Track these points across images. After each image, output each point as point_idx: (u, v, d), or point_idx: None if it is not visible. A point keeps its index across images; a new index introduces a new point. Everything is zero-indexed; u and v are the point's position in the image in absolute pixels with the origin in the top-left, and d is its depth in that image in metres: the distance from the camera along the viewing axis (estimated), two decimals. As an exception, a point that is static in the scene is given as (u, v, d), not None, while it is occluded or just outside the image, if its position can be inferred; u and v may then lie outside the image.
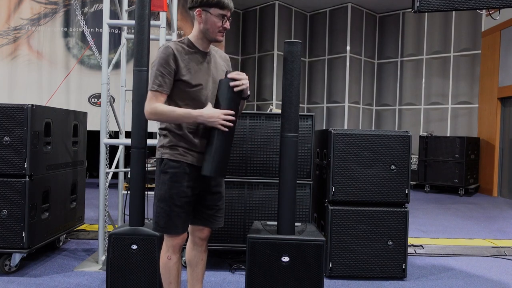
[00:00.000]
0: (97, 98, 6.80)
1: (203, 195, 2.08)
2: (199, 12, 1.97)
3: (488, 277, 3.22)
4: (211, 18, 1.97)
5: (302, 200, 3.14)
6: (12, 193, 2.89)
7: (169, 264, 2.06)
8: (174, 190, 1.98)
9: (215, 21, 1.97)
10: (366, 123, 9.59)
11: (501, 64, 7.57)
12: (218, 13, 1.96)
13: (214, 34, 2.00)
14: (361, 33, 9.38)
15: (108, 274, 2.35)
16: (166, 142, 2.01)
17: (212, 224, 2.15)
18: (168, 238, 2.04)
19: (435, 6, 2.68)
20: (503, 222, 5.36)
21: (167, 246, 2.05)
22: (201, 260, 2.22)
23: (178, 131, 1.99)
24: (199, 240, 2.19)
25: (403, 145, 3.08)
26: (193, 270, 2.22)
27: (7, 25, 6.71)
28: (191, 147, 2.00)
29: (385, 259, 3.07)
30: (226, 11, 1.98)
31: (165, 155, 2.00)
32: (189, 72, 1.96)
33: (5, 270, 2.96)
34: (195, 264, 2.22)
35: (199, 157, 2.01)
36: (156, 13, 3.27)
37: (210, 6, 1.95)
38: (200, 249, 2.21)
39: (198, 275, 2.23)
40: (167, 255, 2.06)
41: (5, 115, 2.89)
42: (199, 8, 1.97)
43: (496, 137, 7.70)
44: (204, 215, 2.12)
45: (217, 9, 1.96)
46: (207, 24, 1.98)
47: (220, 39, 2.04)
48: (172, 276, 2.08)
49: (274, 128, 3.13)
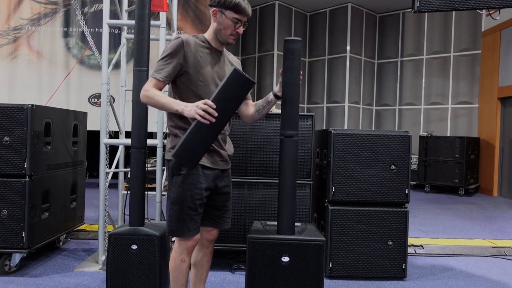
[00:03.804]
0: (97, 98, 6.80)
1: (212, 196, 2.07)
2: (214, 12, 1.98)
3: (488, 277, 3.21)
4: (225, 20, 1.96)
5: (302, 200, 3.14)
6: (12, 193, 2.89)
7: (183, 267, 2.04)
8: (188, 192, 1.95)
9: (229, 24, 1.97)
10: (366, 123, 9.59)
11: (501, 64, 7.57)
12: (233, 17, 1.96)
13: (226, 37, 2.00)
14: (361, 33, 9.38)
15: (108, 274, 2.35)
16: (177, 143, 1.97)
17: (220, 225, 2.15)
18: (182, 241, 2.01)
19: (435, 6, 2.68)
20: (503, 222, 5.36)
21: (181, 248, 2.02)
22: (207, 262, 2.23)
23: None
24: (207, 242, 2.18)
25: (403, 145, 3.08)
26: (198, 271, 2.23)
27: (7, 25, 6.71)
28: None
29: (385, 259, 3.07)
30: (242, 16, 1.97)
31: None
32: (194, 66, 1.95)
33: (5, 270, 2.96)
34: (201, 265, 2.22)
35: (210, 156, 2.00)
36: (156, 13, 3.27)
37: (227, 8, 1.95)
38: (207, 251, 2.21)
39: (202, 276, 2.24)
40: (181, 258, 2.03)
41: (5, 115, 2.89)
42: (216, 7, 1.97)
43: (496, 137, 7.70)
44: (212, 216, 2.12)
45: (233, 12, 1.95)
46: (220, 25, 1.98)
47: (230, 42, 2.03)
48: (185, 278, 2.07)
49: (274, 128, 3.13)
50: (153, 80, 1.93)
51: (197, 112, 1.74)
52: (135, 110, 2.42)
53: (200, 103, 1.76)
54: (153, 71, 1.94)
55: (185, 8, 7.11)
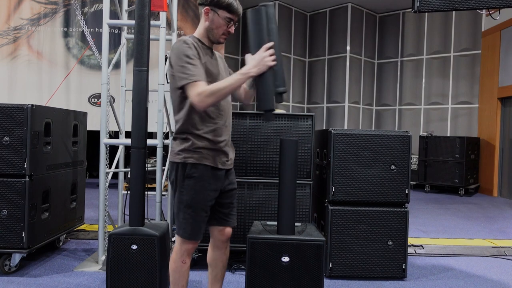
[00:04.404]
0: (97, 98, 6.80)
1: (219, 194, 2.08)
2: (207, 10, 1.97)
3: (488, 277, 3.21)
4: (217, 19, 1.97)
5: (302, 200, 3.14)
6: (12, 193, 2.89)
7: (183, 268, 2.04)
8: (201, 195, 1.96)
9: (221, 23, 1.97)
10: (366, 123, 9.59)
11: (501, 64, 7.57)
12: (226, 16, 1.97)
13: (218, 36, 2.01)
14: (361, 33, 9.38)
15: (108, 274, 2.35)
16: (188, 145, 1.95)
17: (227, 223, 2.15)
18: (185, 243, 2.01)
19: (435, 6, 2.68)
20: (503, 222, 5.36)
21: (182, 250, 2.02)
22: (221, 261, 2.22)
23: (198, 132, 1.95)
24: (220, 242, 2.18)
25: (403, 145, 3.08)
26: (213, 270, 2.23)
27: (7, 25, 6.71)
28: (212, 145, 1.98)
29: (385, 259, 3.07)
30: (234, 16, 1.99)
31: (189, 159, 1.95)
32: (205, 64, 1.96)
33: (5, 270, 2.96)
34: (215, 265, 2.22)
35: (219, 157, 2.01)
36: (156, 13, 3.27)
37: (219, 8, 1.95)
38: (221, 252, 2.20)
39: (217, 275, 2.24)
40: (182, 259, 2.03)
41: (5, 115, 2.89)
42: (208, 6, 1.96)
43: (496, 137, 7.70)
44: (220, 214, 2.12)
45: (226, 12, 1.96)
46: (213, 23, 1.98)
47: (222, 41, 2.04)
48: (185, 280, 2.07)
49: (274, 128, 3.13)
50: (197, 83, 1.84)
51: (270, 60, 1.81)
52: (135, 110, 2.41)
53: (262, 54, 1.82)
54: (188, 77, 1.84)
55: (185, 8, 7.11)
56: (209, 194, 1.98)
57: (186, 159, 1.95)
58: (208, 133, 1.96)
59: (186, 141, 1.97)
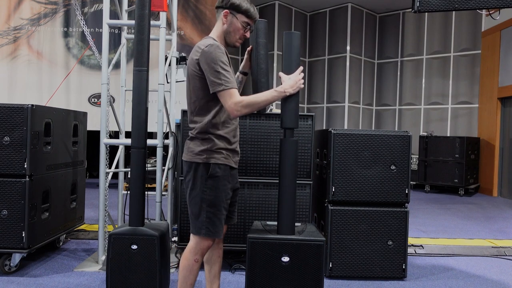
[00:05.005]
0: (97, 98, 6.80)
1: None
2: (226, 13, 2.02)
3: (488, 277, 3.21)
4: (236, 23, 2.02)
5: (302, 200, 3.14)
6: (12, 193, 2.89)
7: (195, 267, 2.07)
8: (223, 193, 2.03)
9: (239, 27, 2.03)
10: (366, 123, 9.59)
11: (501, 64, 7.57)
12: (243, 21, 2.03)
13: (234, 40, 2.07)
14: (361, 33, 9.38)
15: (108, 274, 2.35)
16: (210, 146, 2.00)
17: (230, 220, 2.22)
18: (205, 241, 2.05)
19: (435, 6, 2.68)
20: (503, 222, 5.36)
21: (197, 248, 2.05)
22: (218, 257, 2.28)
23: (220, 132, 2.01)
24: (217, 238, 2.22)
25: (403, 145, 3.08)
26: (211, 267, 2.28)
27: (7, 25, 6.71)
28: (229, 145, 2.05)
29: (385, 259, 3.07)
30: (251, 21, 2.05)
31: (211, 159, 2.00)
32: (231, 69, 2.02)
33: (5, 270, 2.96)
34: (213, 262, 2.27)
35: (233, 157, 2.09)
36: (156, 13, 3.27)
37: (238, 12, 2.01)
38: (217, 247, 2.26)
39: (215, 272, 2.29)
40: (195, 258, 2.06)
41: (5, 115, 2.89)
42: (227, 9, 2.01)
43: (496, 137, 7.70)
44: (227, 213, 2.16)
45: (244, 16, 2.02)
46: (231, 27, 2.03)
47: (237, 45, 2.10)
48: (194, 278, 2.10)
49: (274, 128, 3.13)
50: (233, 91, 1.91)
51: (302, 83, 1.98)
52: (135, 110, 2.41)
53: (297, 77, 1.98)
54: (225, 83, 1.89)
55: (185, 8, 7.11)
56: (229, 192, 2.07)
57: (208, 159, 2.00)
58: (227, 133, 2.04)
59: (208, 141, 2.01)
